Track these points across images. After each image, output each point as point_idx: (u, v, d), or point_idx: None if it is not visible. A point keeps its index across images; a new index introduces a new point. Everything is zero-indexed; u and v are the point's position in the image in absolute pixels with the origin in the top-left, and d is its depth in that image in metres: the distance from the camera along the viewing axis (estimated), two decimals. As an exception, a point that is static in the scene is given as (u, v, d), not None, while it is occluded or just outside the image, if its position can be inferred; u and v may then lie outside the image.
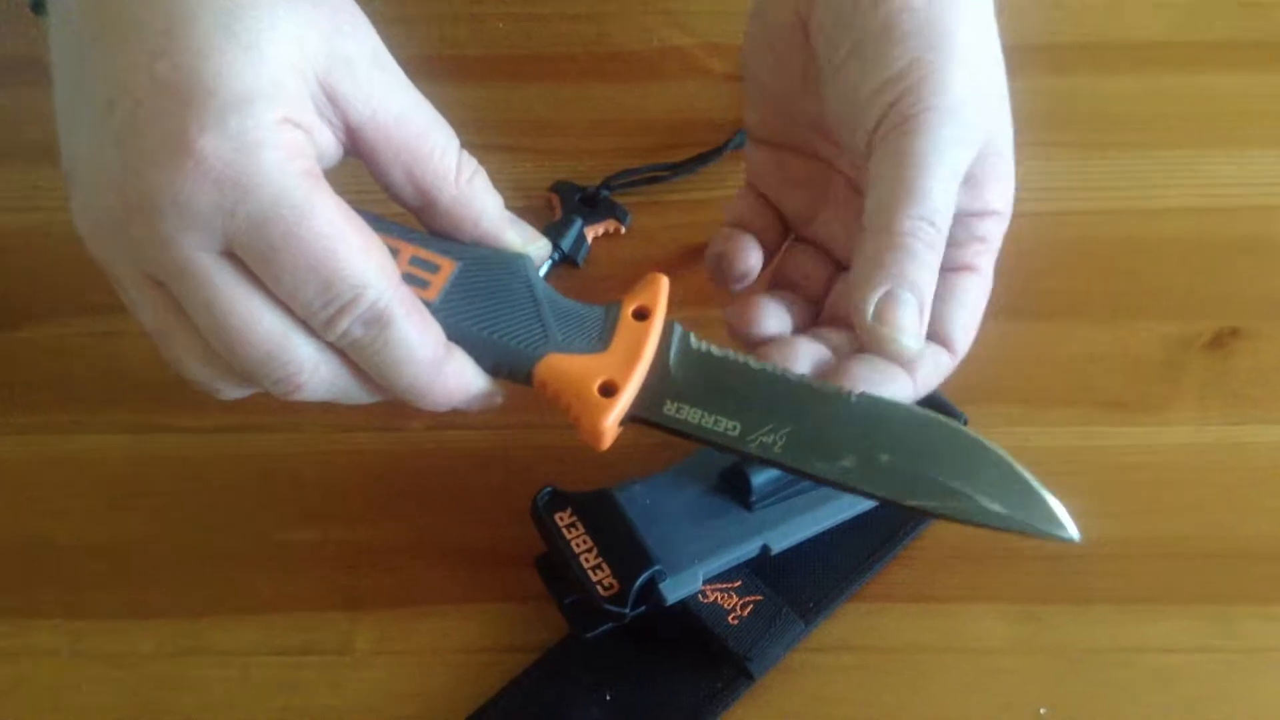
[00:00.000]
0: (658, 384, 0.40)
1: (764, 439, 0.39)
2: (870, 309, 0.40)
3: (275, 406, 0.51)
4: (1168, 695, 0.45)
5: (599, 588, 0.43)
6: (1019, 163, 0.59)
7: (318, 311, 0.37)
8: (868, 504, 0.46)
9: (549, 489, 0.45)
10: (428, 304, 0.40)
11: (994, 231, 0.44)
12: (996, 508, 0.38)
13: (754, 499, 0.45)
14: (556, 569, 0.45)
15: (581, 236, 0.58)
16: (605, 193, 0.59)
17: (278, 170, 0.36)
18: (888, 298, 0.40)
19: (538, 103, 0.64)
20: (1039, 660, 0.45)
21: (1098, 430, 0.51)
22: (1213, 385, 0.53)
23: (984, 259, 0.44)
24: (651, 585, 0.43)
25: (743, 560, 0.45)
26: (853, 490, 0.39)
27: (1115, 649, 0.46)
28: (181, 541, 0.50)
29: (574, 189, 0.59)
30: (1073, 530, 0.39)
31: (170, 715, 0.45)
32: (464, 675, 0.46)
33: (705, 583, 0.45)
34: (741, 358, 0.41)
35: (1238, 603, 0.47)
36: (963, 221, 0.43)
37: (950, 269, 0.43)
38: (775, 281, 0.48)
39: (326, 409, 0.52)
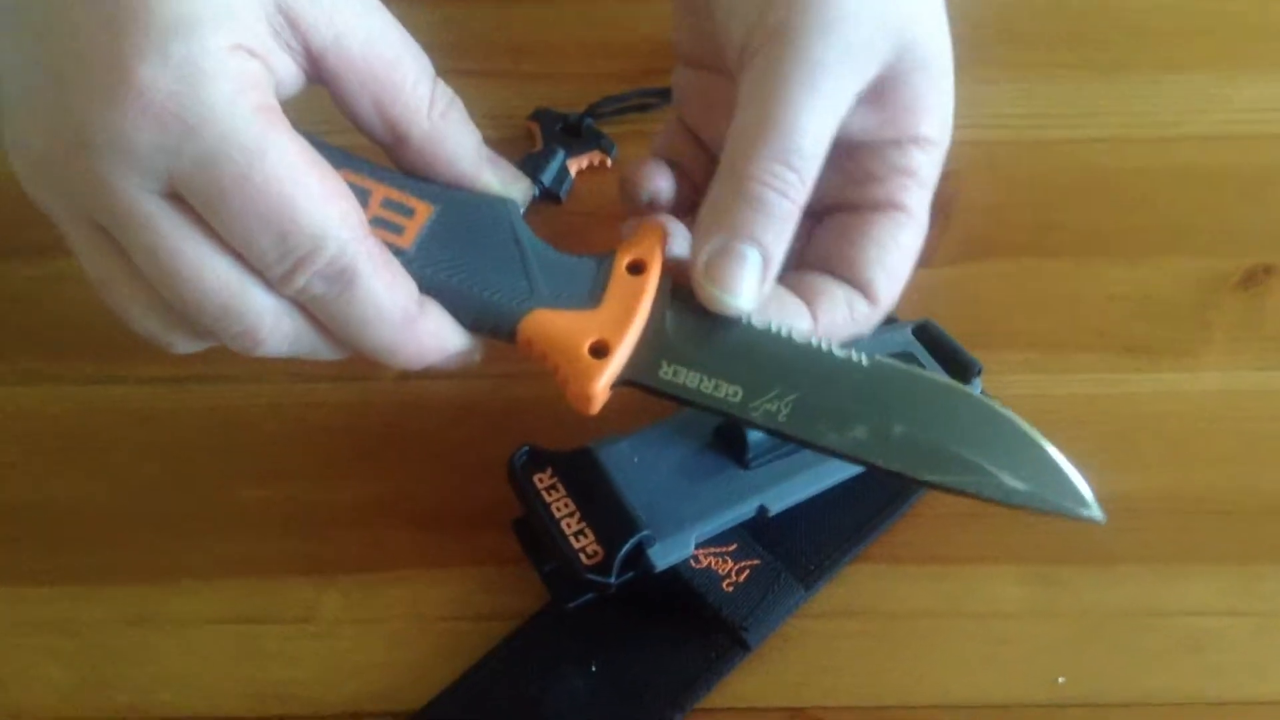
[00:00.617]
0: (653, 344, 0.37)
1: (768, 406, 0.37)
2: (703, 261, 0.37)
3: (234, 355, 0.48)
4: (1194, 661, 0.42)
5: (582, 555, 0.39)
6: (1024, 85, 0.56)
7: (273, 264, 0.34)
8: (873, 461, 0.43)
9: (526, 447, 0.42)
10: (401, 252, 0.37)
11: (923, 163, 0.40)
12: (1018, 484, 0.37)
13: (750, 456, 0.42)
14: (536, 534, 0.41)
15: (564, 169, 0.54)
16: (590, 121, 0.56)
17: (227, 105, 0.32)
18: (723, 251, 0.37)
19: (516, 23, 0.60)
20: (1056, 625, 0.43)
21: (1120, 378, 0.48)
22: (1245, 327, 0.49)
23: (911, 196, 0.40)
24: (639, 552, 0.40)
25: (738, 522, 0.42)
26: (864, 464, 0.37)
27: (1138, 612, 0.43)
28: (133, 502, 0.46)
29: (556, 117, 0.56)
30: (1098, 511, 0.37)
31: (122, 688, 0.43)
32: (438, 645, 0.43)
33: (698, 547, 0.41)
34: (745, 317, 0.38)
35: (1271, 562, 0.44)
36: (878, 152, 0.39)
37: (869, 207, 0.40)
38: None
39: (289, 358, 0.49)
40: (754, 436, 0.42)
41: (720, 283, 0.37)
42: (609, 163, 0.55)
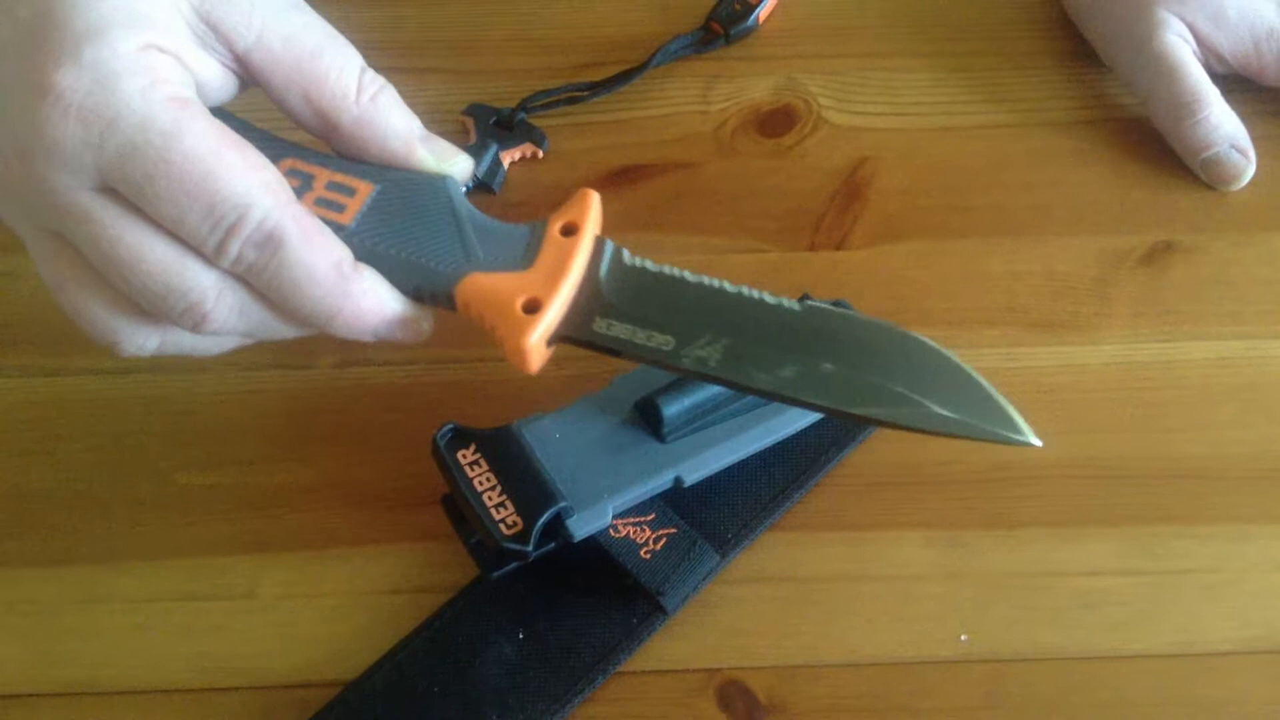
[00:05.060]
0: (588, 301, 0.39)
1: (699, 353, 0.38)
2: None
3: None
4: (1091, 619, 0.44)
5: (501, 526, 0.41)
6: (937, 74, 0.57)
7: (206, 238, 0.36)
8: (786, 432, 0.45)
9: (450, 426, 0.44)
10: (341, 228, 0.39)
11: None
12: (949, 413, 0.37)
13: (666, 430, 0.44)
14: (460, 507, 0.43)
15: (497, 162, 0.56)
16: (522, 115, 0.57)
17: (140, 98, 0.35)
18: None
19: (449, 20, 0.61)
20: (961, 586, 0.45)
21: (1025, 351, 0.50)
22: (1145, 302, 0.51)
23: None
24: (558, 522, 0.42)
25: (655, 493, 0.44)
26: (794, 402, 0.38)
27: (1038, 573, 0.45)
28: (82, 487, 0.48)
29: (489, 111, 0.57)
30: (1031, 435, 0.38)
31: (74, 665, 0.44)
32: (374, 618, 0.45)
33: (616, 517, 0.43)
34: (679, 272, 0.40)
35: (1164, 523, 0.46)
36: None
37: None
38: None
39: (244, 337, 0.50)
40: (669, 411, 0.43)
41: None
42: (540, 154, 0.56)
